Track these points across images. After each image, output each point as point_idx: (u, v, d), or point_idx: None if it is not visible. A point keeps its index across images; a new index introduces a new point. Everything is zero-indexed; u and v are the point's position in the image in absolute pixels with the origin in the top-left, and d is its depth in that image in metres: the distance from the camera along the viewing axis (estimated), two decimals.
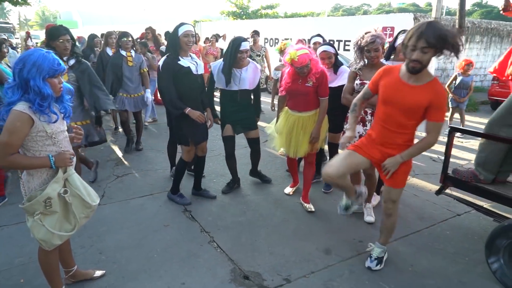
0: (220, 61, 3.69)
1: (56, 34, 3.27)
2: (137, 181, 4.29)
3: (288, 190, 4.02)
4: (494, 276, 2.57)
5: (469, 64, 6.24)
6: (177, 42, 3.29)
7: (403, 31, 3.47)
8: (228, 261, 2.81)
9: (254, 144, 3.97)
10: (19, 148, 1.91)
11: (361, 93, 2.71)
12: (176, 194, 3.75)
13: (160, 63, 3.36)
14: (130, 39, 4.89)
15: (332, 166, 2.55)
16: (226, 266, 2.74)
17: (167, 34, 4.57)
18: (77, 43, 3.78)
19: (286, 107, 3.61)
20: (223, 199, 3.86)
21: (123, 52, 4.91)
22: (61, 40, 3.26)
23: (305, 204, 3.68)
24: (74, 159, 2.09)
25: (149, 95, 5.24)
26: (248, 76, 3.65)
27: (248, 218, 3.48)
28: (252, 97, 3.87)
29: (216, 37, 9.54)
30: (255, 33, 8.05)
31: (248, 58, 3.73)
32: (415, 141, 2.51)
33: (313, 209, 3.62)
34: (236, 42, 3.53)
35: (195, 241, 3.07)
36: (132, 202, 3.74)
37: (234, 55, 3.53)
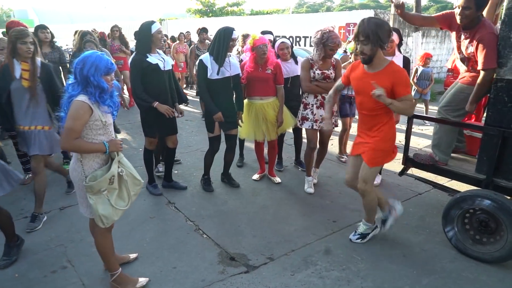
0: (207, 54, 3.67)
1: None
2: None
3: (256, 176, 4.36)
4: (450, 242, 2.94)
5: (429, 58, 6.97)
6: (150, 39, 3.47)
7: None
8: (215, 245, 3.01)
9: (233, 140, 3.94)
10: (80, 134, 2.13)
11: (334, 86, 3.06)
12: (151, 184, 3.96)
13: (129, 60, 3.58)
14: (30, 39, 3.01)
15: (347, 173, 3.01)
16: (213, 250, 2.95)
17: (136, 33, 4.61)
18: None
19: (245, 99, 3.98)
20: (204, 191, 4.04)
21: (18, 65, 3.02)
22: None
23: (272, 178, 4.28)
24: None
25: None
26: (236, 62, 3.79)
27: (229, 207, 3.69)
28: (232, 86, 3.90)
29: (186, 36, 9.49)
30: (203, 31, 7.48)
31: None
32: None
33: (280, 181, 4.24)
34: (228, 31, 3.59)
35: (181, 230, 3.25)
36: None
37: (227, 44, 3.58)
